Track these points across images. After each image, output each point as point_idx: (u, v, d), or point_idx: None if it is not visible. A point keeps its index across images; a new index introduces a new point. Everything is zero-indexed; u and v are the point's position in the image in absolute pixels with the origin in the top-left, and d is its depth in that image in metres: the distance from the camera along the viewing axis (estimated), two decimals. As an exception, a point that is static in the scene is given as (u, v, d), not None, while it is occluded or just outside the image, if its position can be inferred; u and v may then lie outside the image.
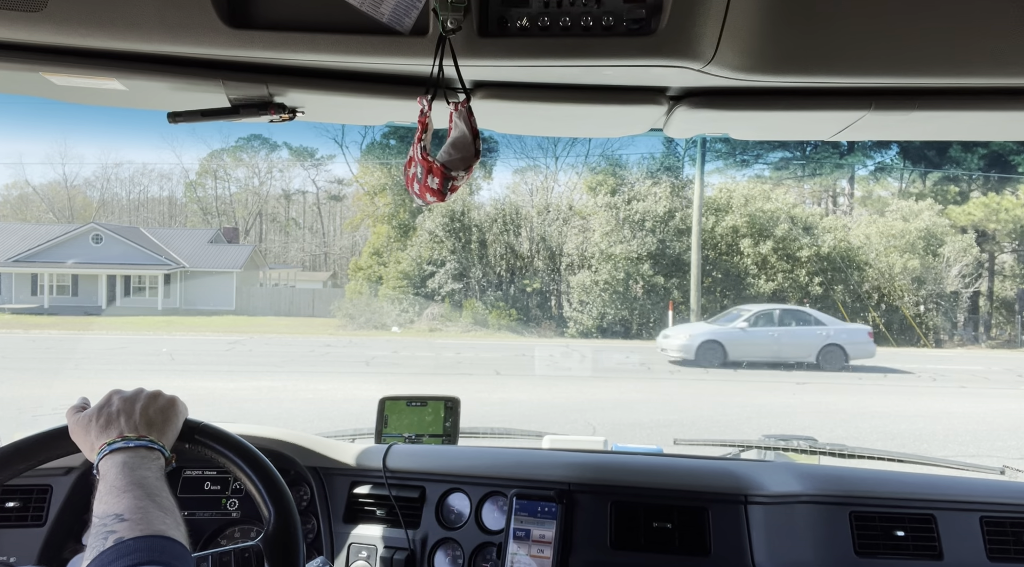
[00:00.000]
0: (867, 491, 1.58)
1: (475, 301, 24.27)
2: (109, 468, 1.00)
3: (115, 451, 1.02)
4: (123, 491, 0.95)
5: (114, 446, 1.03)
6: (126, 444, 1.03)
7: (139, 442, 1.04)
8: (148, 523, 0.90)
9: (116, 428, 1.06)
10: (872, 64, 0.97)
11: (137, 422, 1.07)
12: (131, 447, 1.03)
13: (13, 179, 40.58)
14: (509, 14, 0.96)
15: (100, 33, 0.99)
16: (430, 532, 1.64)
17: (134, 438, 1.04)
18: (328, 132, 35.62)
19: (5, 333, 20.51)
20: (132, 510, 0.91)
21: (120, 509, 0.91)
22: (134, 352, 16.20)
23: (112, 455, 1.02)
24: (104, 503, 0.94)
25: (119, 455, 1.02)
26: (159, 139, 47.11)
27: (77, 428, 1.09)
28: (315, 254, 41.81)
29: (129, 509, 0.91)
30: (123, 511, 0.91)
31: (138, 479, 0.97)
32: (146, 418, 1.08)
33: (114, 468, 0.99)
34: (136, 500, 0.93)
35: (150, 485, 0.97)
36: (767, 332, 16.28)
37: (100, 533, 0.88)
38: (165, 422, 1.10)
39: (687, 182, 24.81)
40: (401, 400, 2.00)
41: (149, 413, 1.09)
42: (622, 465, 1.67)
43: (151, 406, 1.11)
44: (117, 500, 0.93)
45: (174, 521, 0.94)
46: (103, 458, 1.02)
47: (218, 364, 14.39)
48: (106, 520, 0.90)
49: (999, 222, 23.74)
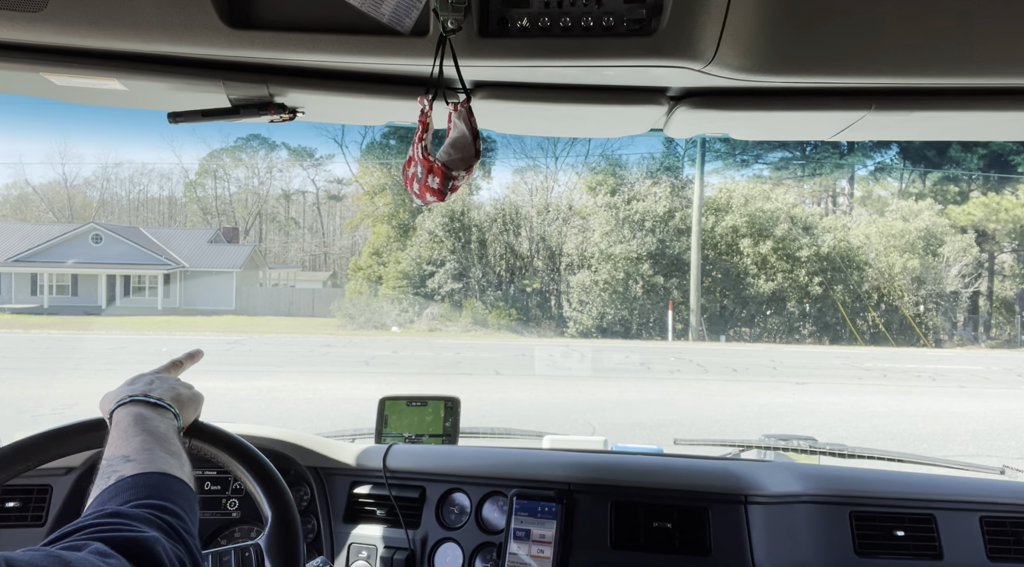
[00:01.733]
0: (867, 491, 1.58)
1: (475, 301, 24.27)
2: (123, 417, 1.01)
3: (132, 402, 1.04)
4: (132, 436, 0.96)
5: (134, 397, 1.05)
6: (146, 398, 1.06)
7: (158, 401, 1.06)
8: (151, 462, 0.90)
9: (141, 387, 1.09)
10: (872, 64, 0.97)
11: (164, 390, 1.10)
12: (150, 402, 1.05)
13: (13, 179, 40.61)
14: (509, 14, 0.96)
15: (100, 33, 0.99)
16: (430, 532, 1.64)
17: (155, 398, 1.07)
18: (328, 132, 35.67)
19: (5, 333, 20.51)
20: (138, 451, 0.92)
21: (127, 451, 0.92)
22: (134, 352, 16.18)
23: (128, 405, 1.04)
24: (113, 447, 0.95)
25: (135, 406, 1.04)
26: (159, 139, 47.17)
27: (107, 395, 1.11)
28: (315, 254, 41.79)
29: (135, 450, 0.92)
30: (129, 453, 0.92)
31: (149, 428, 0.99)
32: (173, 392, 1.11)
33: (127, 417, 1.01)
34: (143, 443, 0.94)
35: (160, 433, 0.99)
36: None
37: (105, 473, 0.89)
38: (188, 403, 1.13)
39: (687, 182, 24.83)
40: (401, 400, 2.00)
41: (178, 389, 1.12)
42: (622, 465, 1.67)
43: (181, 386, 1.14)
44: (125, 443, 0.94)
45: (179, 462, 0.94)
46: (119, 407, 1.04)
47: (218, 364, 14.38)
48: (112, 461, 0.91)
49: (999, 222, 23.74)
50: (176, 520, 0.82)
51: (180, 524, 0.82)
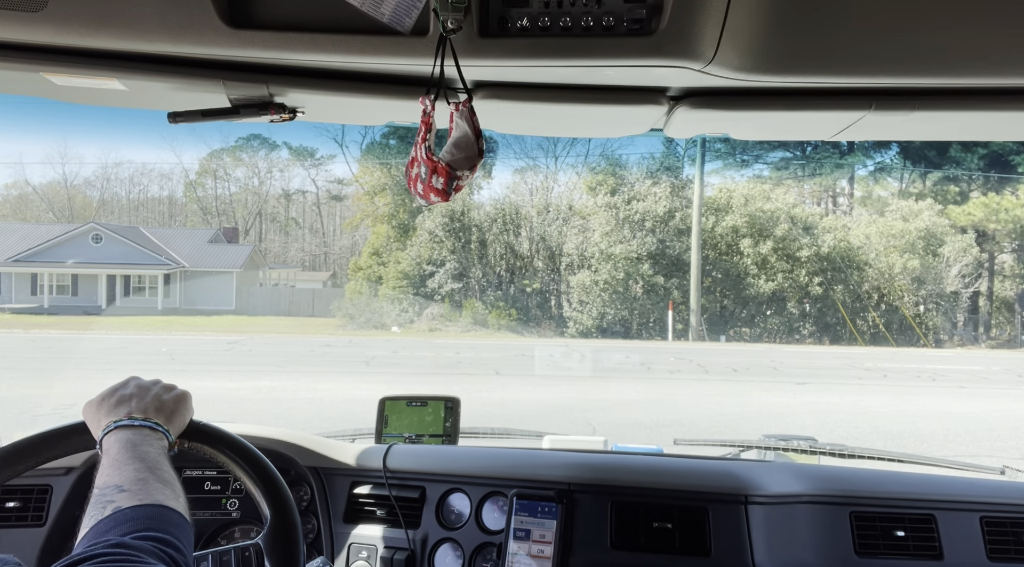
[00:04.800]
0: (867, 491, 1.58)
1: (475, 301, 24.27)
2: (112, 443, 1.01)
3: (120, 428, 1.04)
4: (124, 464, 0.96)
5: (120, 423, 1.05)
6: (131, 422, 1.05)
7: (144, 422, 1.06)
8: (147, 493, 0.90)
9: (126, 408, 1.08)
10: (872, 64, 0.97)
11: (147, 405, 1.09)
12: (136, 425, 1.05)
13: (13, 179, 40.56)
14: (509, 14, 0.96)
15: (100, 33, 0.99)
16: (430, 532, 1.64)
17: (140, 419, 1.06)
18: (328, 132, 35.63)
19: (5, 333, 20.50)
20: (132, 481, 0.92)
21: (120, 481, 0.92)
22: (134, 352, 16.19)
23: (117, 432, 1.03)
24: (105, 475, 0.95)
25: (124, 432, 1.03)
26: (159, 139, 47.13)
27: (89, 407, 1.11)
28: (315, 254, 41.78)
29: (129, 480, 0.92)
30: (123, 482, 0.92)
31: (140, 454, 0.99)
32: (157, 403, 1.11)
33: (117, 444, 1.01)
34: (137, 472, 0.94)
35: (152, 460, 0.98)
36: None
37: (99, 503, 0.89)
38: (174, 411, 1.12)
39: (687, 182, 24.82)
40: (401, 400, 2.00)
41: (161, 399, 1.12)
42: (622, 465, 1.67)
43: (164, 394, 1.13)
44: (118, 472, 0.94)
45: (173, 492, 0.94)
46: (108, 434, 1.04)
47: (218, 364, 14.39)
48: (106, 491, 0.91)
49: (999, 222, 23.73)
50: (176, 554, 0.82)
51: (180, 558, 0.83)
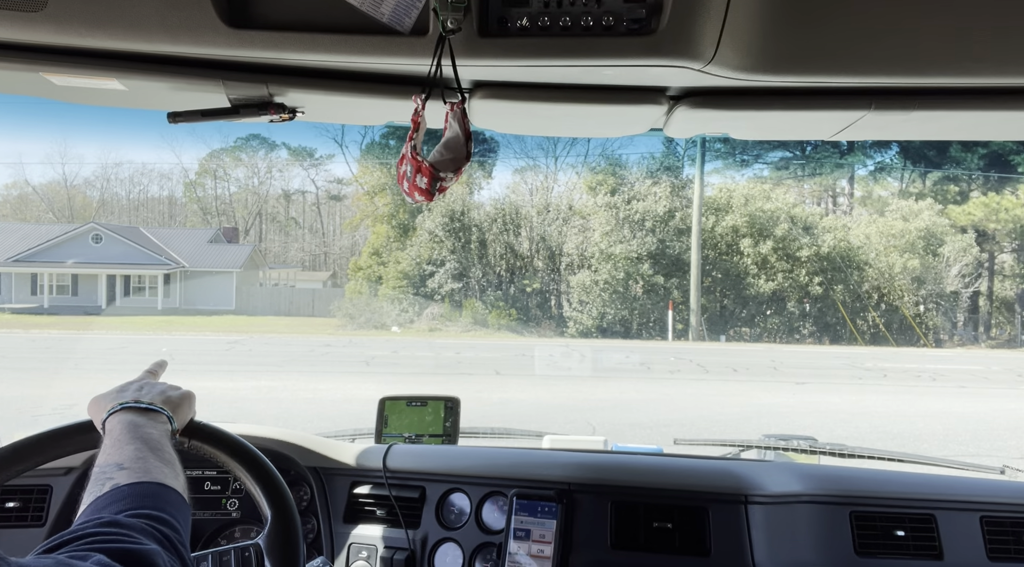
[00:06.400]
0: (867, 491, 1.58)
1: (475, 301, 24.27)
2: (115, 424, 1.01)
3: (125, 409, 1.04)
4: (126, 443, 0.96)
5: (125, 404, 1.05)
6: (136, 405, 1.05)
7: (149, 406, 1.06)
8: (146, 472, 0.90)
9: (131, 394, 1.09)
10: (872, 64, 0.97)
11: (153, 395, 1.10)
12: (141, 408, 1.05)
13: (13, 179, 40.58)
14: (509, 14, 0.96)
15: (100, 33, 0.99)
16: (430, 532, 1.64)
17: (146, 402, 1.07)
18: (328, 132, 35.64)
19: (5, 333, 20.49)
20: (132, 460, 0.92)
21: (120, 459, 0.92)
22: (134, 352, 16.18)
23: (121, 413, 1.04)
24: (106, 454, 0.94)
25: (128, 414, 1.03)
26: (159, 139, 47.14)
27: (95, 400, 1.11)
28: (315, 254, 41.77)
29: (129, 459, 0.92)
30: (123, 460, 0.92)
31: (142, 435, 0.98)
32: (163, 396, 1.11)
33: (120, 424, 1.01)
34: (137, 451, 0.94)
35: (154, 440, 0.98)
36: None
37: (99, 480, 0.88)
38: (179, 405, 1.13)
39: (687, 182, 24.82)
40: (401, 400, 2.00)
41: (167, 393, 1.12)
42: (622, 465, 1.67)
43: (169, 389, 1.14)
44: (119, 451, 0.94)
45: (173, 472, 0.94)
46: (111, 415, 1.03)
47: (218, 364, 14.38)
48: (105, 469, 0.90)
49: (999, 222, 23.73)
50: (172, 532, 0.82)
51: (175, 536, 0.82)
